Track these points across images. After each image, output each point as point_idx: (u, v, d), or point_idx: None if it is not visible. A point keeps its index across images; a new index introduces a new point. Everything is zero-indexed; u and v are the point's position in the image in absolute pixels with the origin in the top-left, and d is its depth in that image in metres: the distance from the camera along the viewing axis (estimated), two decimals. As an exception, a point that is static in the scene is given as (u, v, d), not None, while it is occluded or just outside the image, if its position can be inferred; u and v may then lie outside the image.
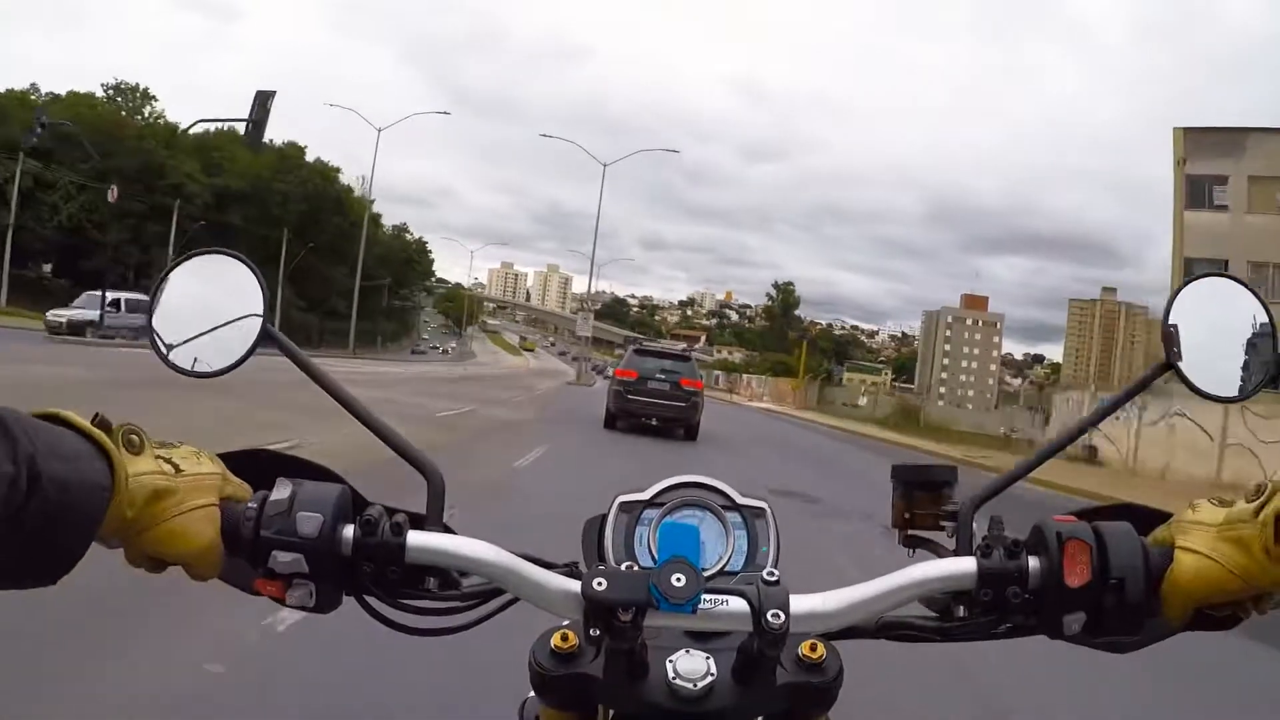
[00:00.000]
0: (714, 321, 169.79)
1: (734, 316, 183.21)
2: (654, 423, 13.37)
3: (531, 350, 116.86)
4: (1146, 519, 0.63)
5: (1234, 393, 0.67)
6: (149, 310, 0.67)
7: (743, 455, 13.64)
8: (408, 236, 78.97)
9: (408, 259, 73.69)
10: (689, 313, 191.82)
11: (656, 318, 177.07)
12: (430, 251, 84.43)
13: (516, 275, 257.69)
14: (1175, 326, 0.66)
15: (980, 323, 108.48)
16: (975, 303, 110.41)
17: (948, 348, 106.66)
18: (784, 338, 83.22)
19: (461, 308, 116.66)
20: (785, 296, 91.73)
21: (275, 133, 49.36)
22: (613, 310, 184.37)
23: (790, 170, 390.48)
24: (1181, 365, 0.65)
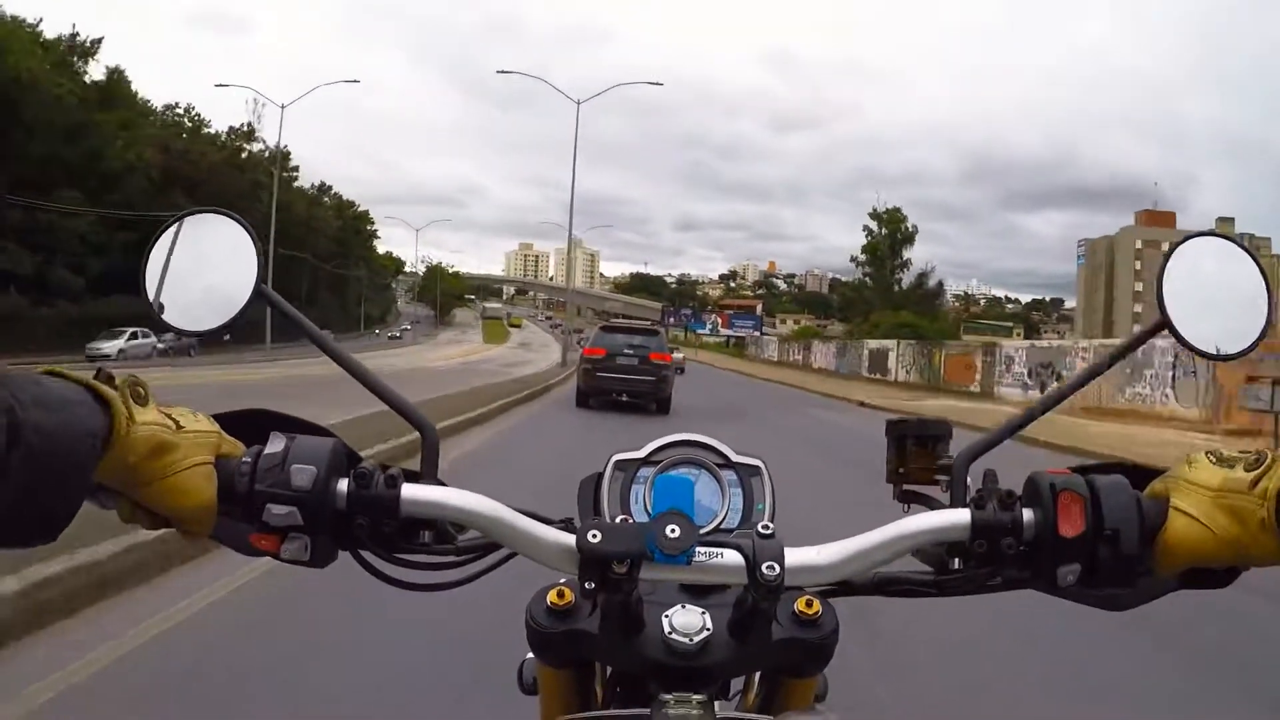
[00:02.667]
0: (761, 293, 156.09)
1: (781, 286, 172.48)
2: (624, 398, 13.44)
3: (518, 326, 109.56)
4: (1141, 475, 0.63)
5: (1228, 350, 0.67)
6: (142, 268, 0.67)
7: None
8: (356, 211, 71.14)
9: (353, 232, 66.95)
10: (731, 285, 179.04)
11: (699, 292, 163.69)
12: (374, 225, 76.10)
13: (537, 257, 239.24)
14: (1168, 287, 0.66)
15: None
16: (1159, 219, 74.66)
17: (1138, 286, 70.19)
18: (889, 289, 54.30)
19: (442, 293, 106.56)
20: (894, 226, 54.92)
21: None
22: (646, 283, 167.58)
23: (823, 139, 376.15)
24: (1176, 323, 0.65)
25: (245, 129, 46.04)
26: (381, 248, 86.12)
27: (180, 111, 43.80)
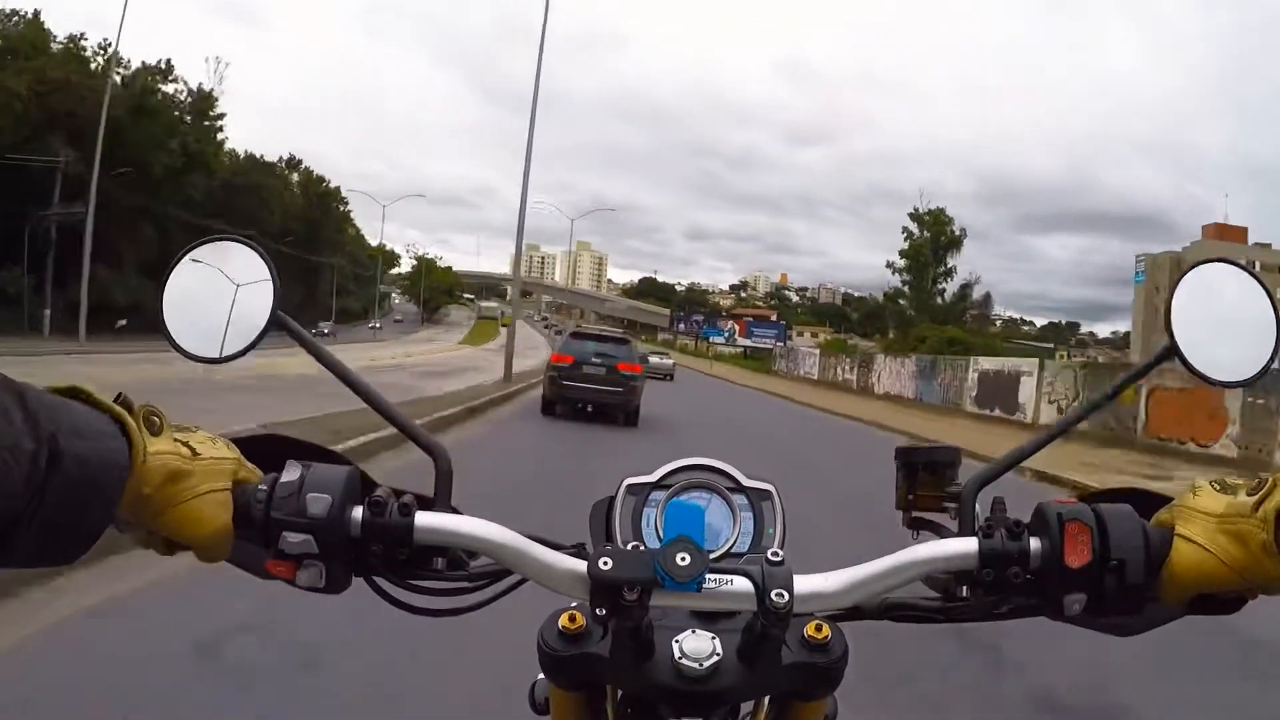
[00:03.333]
0: (775, 304, 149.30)
1: (794, 299, 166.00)
2: (589, 409, 12.91)
3: (508, 325, 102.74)
4: (1148, 502, 0.63)
5: (1236, 377, 0.67)
6: (160, 296, 0.68)
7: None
8: (326, 188, 60.76)
9: (320, 212, 57.50)
10: (742, 295, 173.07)
11: (711, 299, 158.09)
12: (346, 204, 66.44)
13: (543, 259, 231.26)
14: (1179, 313, 0.66)
15: (1258, 264, 44.23)
16: (1230, 234, 56.92)
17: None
18: (928, 301, 46.82)
19: (437, 289, 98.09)
20: (937, 229, 47.16)
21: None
22: (655, 289, 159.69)
23: (836, 153, 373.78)
24: (1184, 349, 0.66)
25: (161, 66, 36.94)
26: (378, 244, 78.03)
27: (95, 46, 34.69)
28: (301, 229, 52.11)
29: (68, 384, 0.50)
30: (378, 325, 66.97)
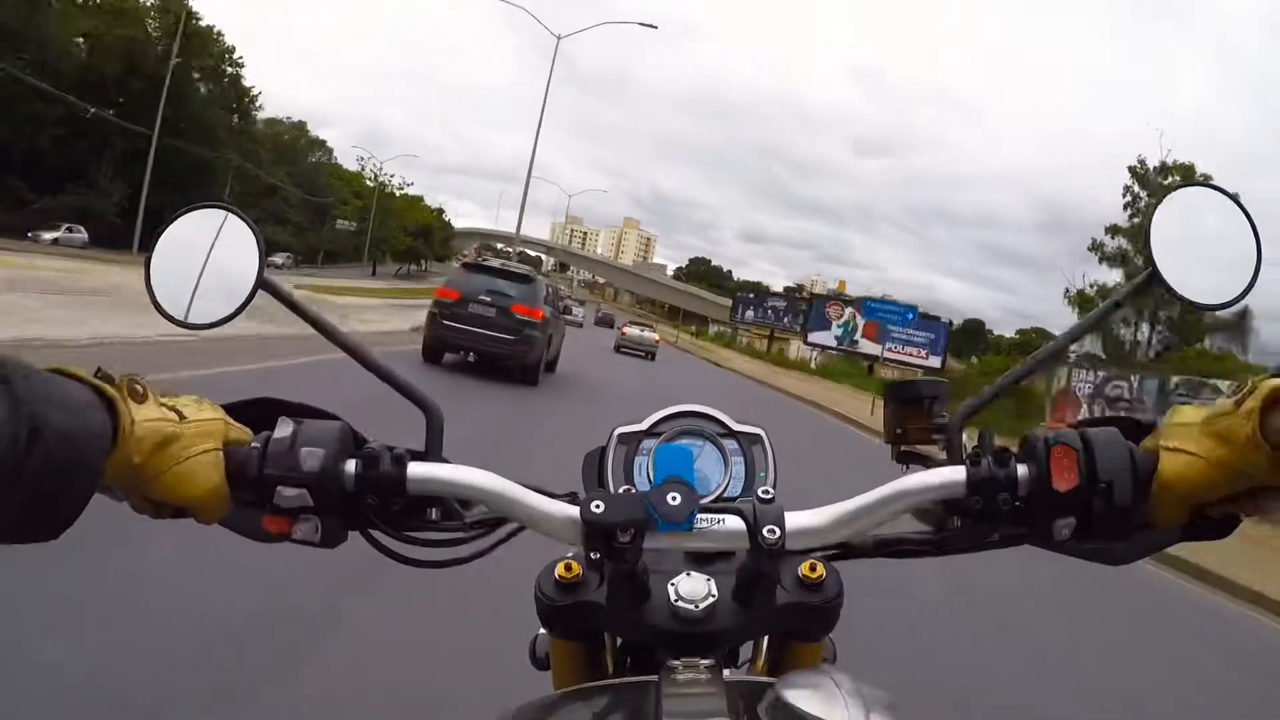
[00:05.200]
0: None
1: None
2: (470, 358, 10.98)
3: None
4: (1136, 430, 0.63)
5: (1217, 299, 0.68)
6: (147, 263, 0.68)
7: None
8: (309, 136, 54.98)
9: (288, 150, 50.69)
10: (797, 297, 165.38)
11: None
12: (324, 142, 57.93)
13: (585, 235, 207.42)
14: (1158, 236, 0.66)
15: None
16: None
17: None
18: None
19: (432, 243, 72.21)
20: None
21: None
22: (708, 273, 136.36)
23: (900, 167, 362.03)
24: (1165, 273, 0.66)
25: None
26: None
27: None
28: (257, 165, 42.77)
29: (47, 365, 0.49)
30: (280, 263, 44.82)
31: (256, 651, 2.43)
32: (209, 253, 0.68)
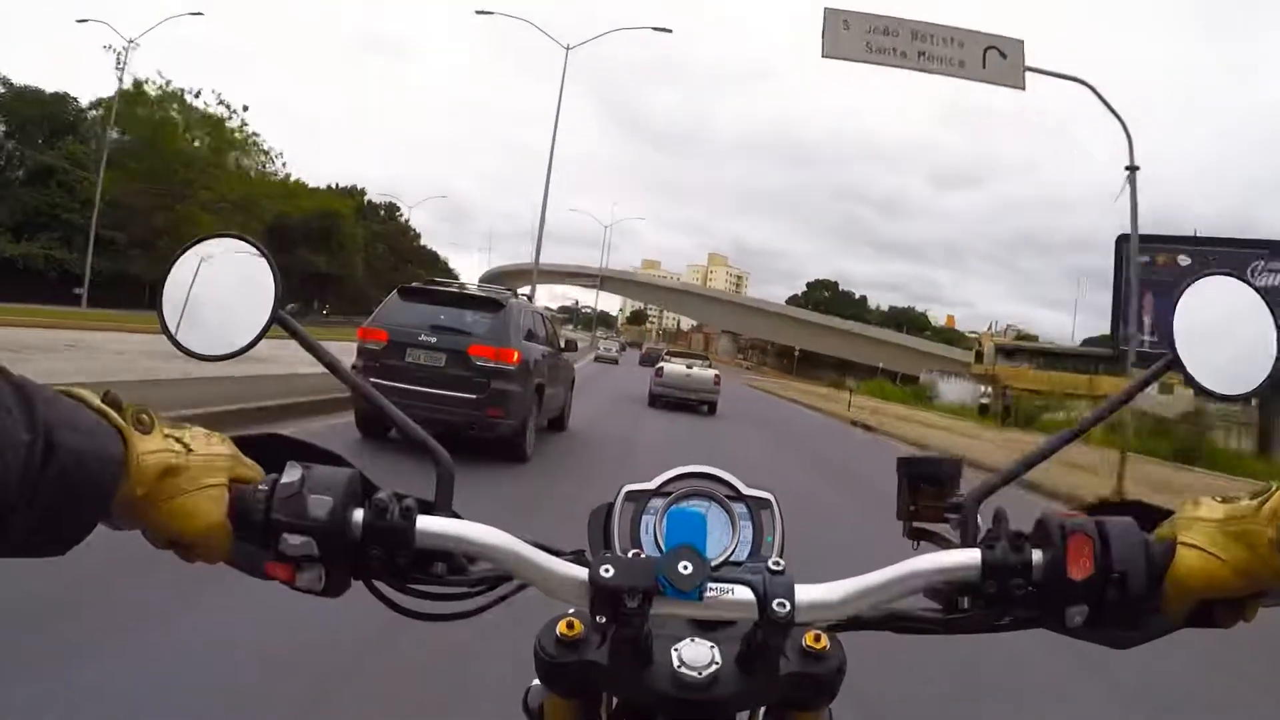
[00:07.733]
0: None
1: None
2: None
3: None
4: (1150, 515, 0.63)
5: (1237, 390, 0.68)
6: (159, 292, 0.68)
7: None
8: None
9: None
10: None
11: None
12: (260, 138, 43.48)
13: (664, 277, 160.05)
14: (1181, 325, 0.67)
15: None
16: None
17: None
18: None
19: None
20: None
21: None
22: (832, 301, 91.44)
23: (985, 198, 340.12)
24: (1185, 361, 0.66)
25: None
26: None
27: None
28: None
29: (59, 386, 0.50)
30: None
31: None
32: (224, 283, 0.68)
